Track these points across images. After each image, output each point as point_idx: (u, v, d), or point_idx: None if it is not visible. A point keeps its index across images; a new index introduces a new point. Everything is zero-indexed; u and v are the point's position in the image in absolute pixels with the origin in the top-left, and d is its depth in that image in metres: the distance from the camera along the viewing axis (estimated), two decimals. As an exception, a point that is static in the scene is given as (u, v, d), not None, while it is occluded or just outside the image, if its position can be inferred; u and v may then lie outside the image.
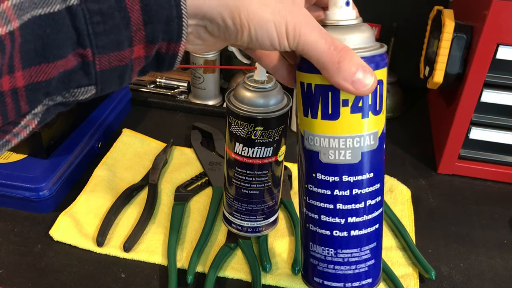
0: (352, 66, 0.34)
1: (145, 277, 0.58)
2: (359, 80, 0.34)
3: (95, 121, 0.78)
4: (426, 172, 0.79)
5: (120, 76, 0.32)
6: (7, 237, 0.63)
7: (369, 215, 0.41)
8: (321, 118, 0.38)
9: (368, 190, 0.40)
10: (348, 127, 0.38)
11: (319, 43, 0.34)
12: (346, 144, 0.38)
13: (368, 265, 0.42)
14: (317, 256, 0.42)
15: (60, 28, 0.28)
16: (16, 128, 0.30)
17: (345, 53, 0.34)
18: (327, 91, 0.37)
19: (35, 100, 0.29)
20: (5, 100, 0.28)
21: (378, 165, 0.40)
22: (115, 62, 0.31)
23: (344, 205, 0.40)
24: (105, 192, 0.69)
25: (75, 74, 0.30)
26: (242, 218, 0.59)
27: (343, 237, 0.41)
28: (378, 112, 0.38)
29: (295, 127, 0.89)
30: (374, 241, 0.42)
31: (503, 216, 0.71)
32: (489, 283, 0.60)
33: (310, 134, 0.39)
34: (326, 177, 0.39)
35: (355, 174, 0.39)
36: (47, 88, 0.29)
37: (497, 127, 0.73)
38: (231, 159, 0.56)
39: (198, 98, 0.95)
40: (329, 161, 0.39)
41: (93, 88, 0.31)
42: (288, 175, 0.73)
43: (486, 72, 0.67)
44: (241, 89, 0.52)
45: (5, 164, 0.68)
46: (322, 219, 0.41)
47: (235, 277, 0.59)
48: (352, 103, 0.37)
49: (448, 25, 0.68)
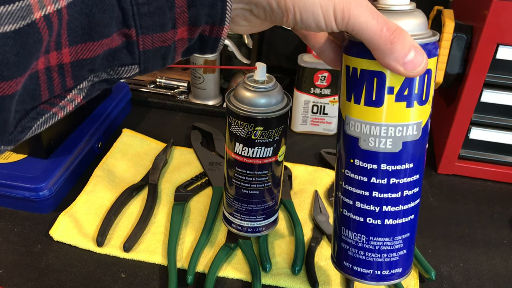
0: (406, 46, 0.33)
1: (145, 277, 0.58)
2: (411, 61, 0.33)
3: (95, 121, 0.78)
4: (426, 172, 0.79)
5: (163, 57, 0.33)
6: (7, 237, 0.63)
7: (405, 205, 0.40)
8: (364, 104, 0.37)
9: (406, 180, 0.39)
10: (391, 115, 0.37)
11: (370, 24, 0.33)
12: (388, 133, 0.37)
13: (400, 255, 0.42)
14: (348, 241, 0.42)
15: (106, 8, 0.29)
16: (62, 102, 0.31)
17: (398, 33, 0.33)
18: (372, 77, 0.36)
19: (80, 76, 0.31)
20: (52, 74, 0.29)
21: (419, 156, 0.39)
22: (158, 43, 0.32)
23: (380, 193, 0.39)
24: (105, 192, 0.69)
25: (119, 53, 0.31)
26: (242, 218, 0.59)
27: (376, 225, 0.40)
28: (424, 102, 0.37)
29: (295, 127, 0.89)
30: (408, 232, 0.41)
31: (503, 216, 0.71)
32: (489, 283, 0.60)
33: (351, 119, 0.38)
34: (364, 164, 0.39)
35: (394, 164, 0.38)
36: (91, 65, 0.30)
37: (497, 127, 0.73)
38: (231, 159, 0.56)
39: (198, 98, 0.95)
40: (368, 148, 0.38)
41: (137, 67, 0.32)
42: (288, 175, 0.73)
43: (486, 72, 0.67)
44: (241, 89, 0.52)
45: (5, 164, 0.68)
46: (356, 205, 0.40)
47: (235, 277, 0.59)
48: (397, 91, 0.36)
49: (448, 25, 0.68)
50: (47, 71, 0.29)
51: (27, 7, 0.26)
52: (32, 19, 0.26)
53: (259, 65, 0.52)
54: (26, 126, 0.30)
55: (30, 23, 0.26)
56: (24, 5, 0.26)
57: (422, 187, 0.41)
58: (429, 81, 0.37)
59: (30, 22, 0.26)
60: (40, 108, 0.30)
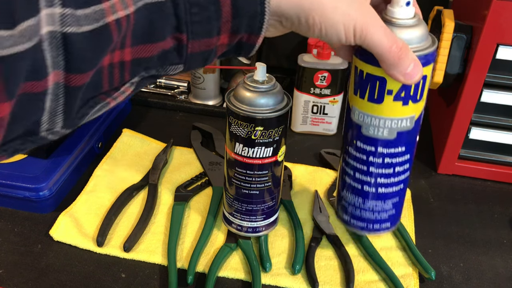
0: (408, 62, 0.39)
1: (145, 277, 0.58)
2: (410, 73, 0.40)
3: (95, 121, 0.78)
4: (426, 172, 0.79)
5: (204, 59, 0.38)
6: (7, 237, 0.63)
7: (396, 178, 0.48)
8: (367, 100, 0.44)
9: (398, 160, 0.47)
10: (389, 111, 0.43)
11: (383, 42, 0.38)
12: (385, 124, 0.44)
13: (389, 214, 0.50)
14: (347, 200, 0.51)
15: (165, 15, 0.33)
16: (116, 93, 0.35)
17: (405, 50, 0.39)
18: (375, 80, 0.42)
19: (136, 72, 0.35)
20: (114, 70, 0.33)
21: (410, 141, 0.46)
22: (203, 47, 0.36)
23: (376, 169, 0.47)
24: (105, 192, 0.69)
25: (170, 54, 0.36)
26: (242, 218, 0.59)
27: (371, 192, 0.49)
28: (418, 100, 0.44)
29: (295, 127, 0.89)
30: (397, 197, 0.50)
31: (503, 216, 0.71)
32: (489, 283, 0.60)
33: (356, 110, 0.45)
34: (364, 145, 0.46)
35: (388, 147, 0.46)
36: (147, 64, 0.35)
37: (497, 127, 0.73)
38: (231, 159, 0.56)
39: (198, 98, 0.95)
40: (368, 135, 0.45)
41: (182, 66, 0.37)
42: (288, 175, 0.73)
43: (486, 72, 0.67)
44: (241, 89, 0.52)
45: (5, 164, 0.68)
46: (356, 176, 0.48)
47: (235, 277, 0.59)
48: (395, 93, 0.42)
49: (448, 25, 0.68)
50: (110, 67, 0.33)
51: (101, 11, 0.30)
52: (106, 22, 0.30)
53: (259, 65, 0.52)
54: (84, 113, 0.34)
55: (103, 25, 0.30)
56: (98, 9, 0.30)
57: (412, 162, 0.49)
58: (424, 84, 0.43)
59: (103, 24, 0.30)
60: (98, 98, 0.34)
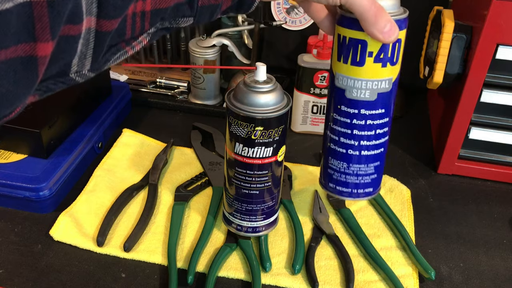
0: (385, 20, 0.44)
1: (145, 277, 0.58)
2: (387, 32, 0.44)
3: (95, 121, 0.78)
4: (426, 172, 0.79)
5: (211, 13, 0.42)
6: (7, 237, 0.63)
7: (377, 141, 0.52)
8: (350, 64, 0.48)
9: (379, 122, 0.50)
10: (370, 73, 0.47)
11: (363, 1, 0.43)
12: (367, 86, 0.48)
13: (372, 178, 0.54)
14: (333, 167, 0.54)
15: None
16: (134, 42, 0.39)
17: (381, 10, 0.44)
18: (357, 44, 0.46)
19: (154, 22, 0.39)
20: (136, 19, 0.37)
21: (389, 103, 0.50)
22: (212, 1, 0.41)
23: (359, 131, 0.51)
24: (105, 192, 0.69)
25: (183, 6, 0.40)
26: (242, 218, 0.59)
27: (355, 155, 0.52)
28: (395, 63, 0.48)
29: (295, 127, 0.89)
30: (378, 161, 0.54)
31: (503, 216, 0.71)
32: (489, 283, 0.60)
33: (340, 75, 0.49)
34: (348, 109, 0.50)
35: (370, 109, 0.49)
36: (163, 14, 0.39)
37: (497, 127, 0.73)
38: (231, 159, 0.56)
39: (198, 98, 0.95)
40: (352, 97, 0.49)
41: (192, 19, 0.41)
42: (288, 175, 0.73)
43: (486, 72, 0.67)
44: (241, 89, 0.52)
45: (5, 164, 0.68)
46: (341, 140, 0.52)
47: (235, 277, 0.59)
48: (375, 55, 0.46)
49: (448, 25, 0.68)
50: (133, 16, 0.37)
51: None
52: None
53: (259, 65, 0.52)
54: (108, 58, 0.37)
55: None
56: None
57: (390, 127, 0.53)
58: (399, 47, 0.47)
59: None
60: (120, 45, 0.38)
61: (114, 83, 0.88)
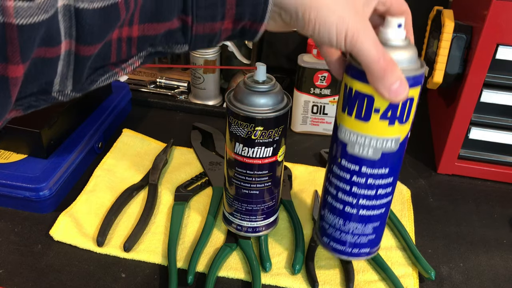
0: (395, 77, 0.39)
1: (145, 277, 0.58)
2: (395, 90, 0.40)
3: (95, 121, 0.78)
4: (426, 172, 0.79)
5: (209, 41, 0.40)
6: (7, 237, 0.63)
7: (378, 201, 0.48)
8: (354, 118, 0.44)
9: (381, 182, 0.47)
10: (375, 130, 0.43)
11: (371, 51, 0.39)
12: (370, 143, 0.44)
13: (369, 239, 0.51)
14: (328, 221, 0.51)
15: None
16: (124, 64, 0.38)
17: (391, 64, 0.39)
18: (364, 98, 0.42)
19: (142, 48, 0.38)
20: (122, 44, 0.36)
21: (394, 163, 0.47)
22: (207, 30, 0.39)
23: (359, 189, 0.47)
24: (105, 192, 0.69)
25: (175, 33, 0.39)
26: (242, 218, 0.59)
27: (352, 213, 0.49)
28: (404, 122, 0.44)
29: (295, 127, 0.89)
30: (378, 221, 0.50)
31: (503, 216, 0.71)
32: (489, 283, 0.60)
33: (343, 127, 0.46)
34: (348, 164, 0.46)
35: (372, 167, 0.46)
36: (153, 41, 0.38)
37: (497, 127, 0.73)
38: (231, 159, 0.56)
39: (198, 98, 0.95)
40: (353, 153, 0.46)
41: (187, 46, 0.40)
42: (288, 175, 0.73)
43: (485, 72, 0.67)
44: (241, 89, 0.52)
45: (5, 164, 0.68)
46: (338, 195, 0.49)
47: (235, 277, 0.59)
48: (382, 112, 0.42)
49: (447, 25, 0.68)
50: (118, 41, 0.36)
51: None
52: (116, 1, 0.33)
53: (259, 65, 0.52)
54: (93, 79, 0.37)
55: (113, 4, 0.33)
56: None
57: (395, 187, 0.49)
58: (411, 105, 0.43)
59: (113, 3, 0.33)
60: (107, 67, 0.37)
61: (114, 83, 0.88)
